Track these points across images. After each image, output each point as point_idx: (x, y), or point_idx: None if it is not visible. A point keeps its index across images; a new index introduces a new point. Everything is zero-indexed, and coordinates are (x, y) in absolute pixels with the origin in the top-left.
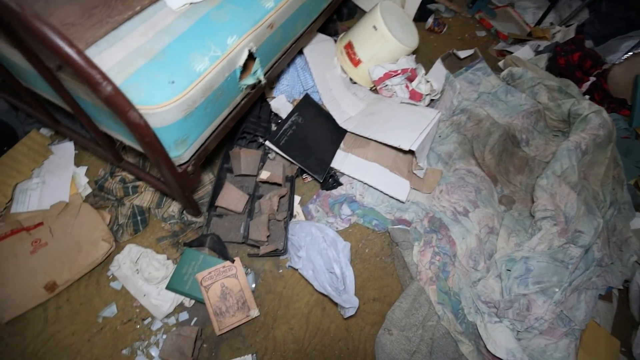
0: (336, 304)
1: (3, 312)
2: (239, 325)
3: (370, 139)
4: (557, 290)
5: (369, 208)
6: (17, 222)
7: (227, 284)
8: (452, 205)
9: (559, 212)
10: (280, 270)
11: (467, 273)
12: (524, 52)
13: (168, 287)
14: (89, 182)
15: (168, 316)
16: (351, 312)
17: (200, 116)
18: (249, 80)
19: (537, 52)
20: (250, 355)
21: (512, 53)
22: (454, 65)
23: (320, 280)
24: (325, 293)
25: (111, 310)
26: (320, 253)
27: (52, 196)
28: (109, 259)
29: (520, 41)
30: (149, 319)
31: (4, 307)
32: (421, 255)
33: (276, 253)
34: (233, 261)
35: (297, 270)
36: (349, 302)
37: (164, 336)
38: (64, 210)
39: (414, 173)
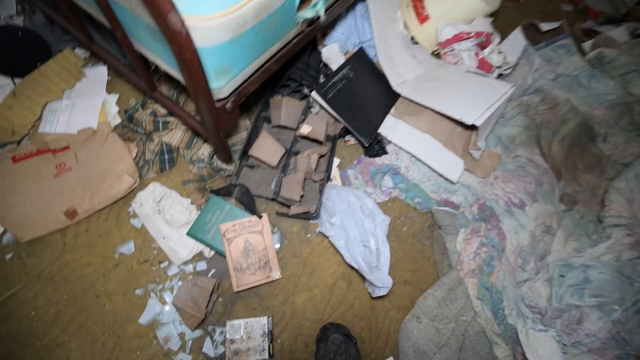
0: (364, 281)
1: (23, 231)
2: (258, 285)
3: (425, 107)
4: (617, 308)
5: (413, 183)
6: (44, 143)
7: (251, 240)
8: (507, 195)
9: (635, 222)
10: (309, 235)
11: (514, 271)
12: (617, 33)
13: (189, 233)
14: (119, 112)
15: (186, 263)
16: (381, 292)
17: (248, 44)
18: (308, 13)
19: (635, 36)
20: (266, 317)
21: (600, 34)
22: (532, 39)
23: (352, 252)
24: (356, 267)
25: (129, 248)
26: (356, 223)
27: (81, 121)
28: (131, 194)
29: (614, 21)
30: (166, 263)
31: (24, 226)
32: (466, 244)
33: (307, 216)
34: (260, 217)
35: (327, 237)
36: (381, 281)
37: (179, 283)
38: (91, 137)
39: (469, 152)
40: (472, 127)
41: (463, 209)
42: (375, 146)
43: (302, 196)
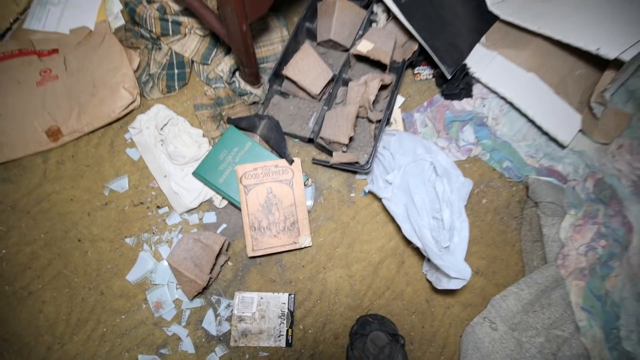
0: (422, 262)
1: None
2: (280, 252)
3: (534, 36)
4: None
5: (502, 141)
6: (28, 42)
7: (276, 190)
8: (635, 172)
9: None
10: (353, 194)
11: (639, 280)
12: None
13: (196, 174)
14: (122, 11)
15: (190, 212)
16: (453, 285)
17: None
18: None
19: None
20: (287, 294)
21: None
22: None
23: (416, 223)
24: (418, 244)
25: (121, 184)
26: (424, 184)
27: (75, 18)
28: (130, 117)
29: None
30: (166, 209)
31: None
32: (575, 232)
33: (354, 167)
34: (291, 162)
35: (379, 199)
36: (455, 269)
37: (180, 236)
38: (85, 39)
39: (589, 106)
40: (606, 67)
41: (572, 182)
42: (459, 83)
43: (350, 139)
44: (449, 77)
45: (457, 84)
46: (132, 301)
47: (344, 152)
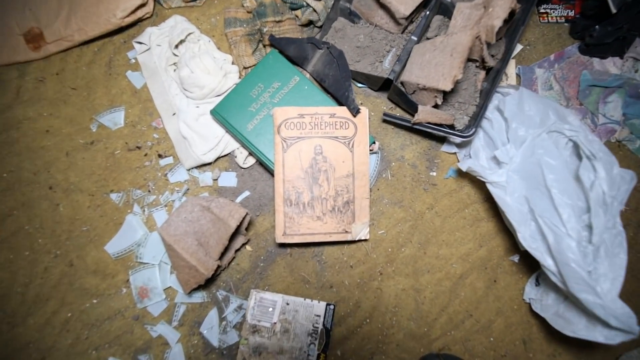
0: (526, 281)
1: None
2: (323, 243)
3: None
4: None
5: None
6: None
7: (328, 151)
8: None
9: None
10: (434, 173)
11: None
12: None
13: (215, 113)
14: None
15: (202, 168)
16: (601, 338)
17: None
18: None
19: None
20: (323, 304)
21: None
22: None
23: (550, 228)
24: (544, 261)
25: (115, 119)
26: (567, 169)
27: None
28: (137, 29)
29: None
30: (170, 160)
31: None
32: None
33: (446, 132)
34: (357, 112)
35: (481, 183)
36: (613, 314)
37: (184, 199)
38: None
39: None
40: None
41: None
42: (621, 26)
43: (454, 87)
44: (614, 10)
45: (618, 26)
46: (109, 281)
47: (435, 106)
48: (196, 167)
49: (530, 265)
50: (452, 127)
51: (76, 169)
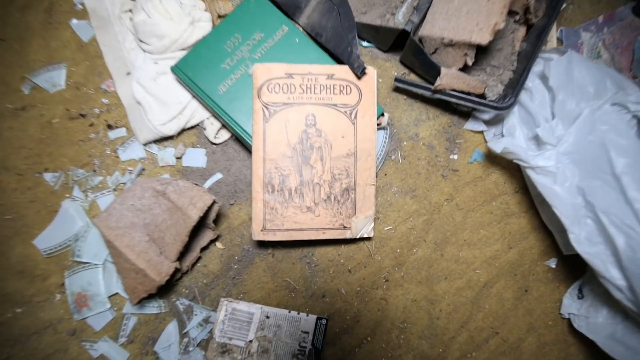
0: (564, 292)
1: None
2: (314, 241)
3: None
4: None
5: None
6: None
7: (323, 122)
8: None
9: None
10: (455, 155)
11: None
12: None
13: (177, 70)
14: None
15: (163, 143)
16: None
17: None
18: None
19: None
20: (313, 317)
21: None
22: None
23: (620, 230)
24: (606, 272)
25: (54, 79)
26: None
27: None
28: None
29: None
30: (122, 132)
31: None
32: None
33: (476, 101)
34: (361, 73)
35: (527, 169)
36: None
37: (142, 178)
38: None
39: None
40: None
41: None
42: None
43: (488, 44)
44: None
45: None
46: (38, 285)
47: (461, 69)
48: (155, 142)
49: (570, 271)
50: (482, 97)
51: (1, 141)
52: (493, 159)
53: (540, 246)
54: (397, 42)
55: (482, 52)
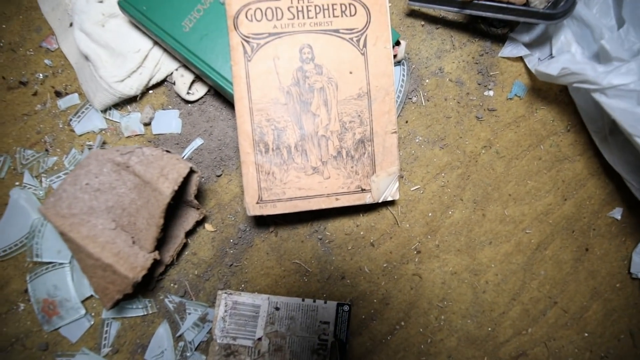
0: (633, 247)
1: None
2: (326, 211)
3: None
4: None
5: None
6: None
7: (323, 54)
8: None
9: None
10: (490, 92)
11: None
12: None
13: (124, 5)
14: None
15: (125, 108)
16: None
17: None
18: None
19: None
20: (334, 304)
21: None
22: None
23: None
24: None
25: None
26: None
27: None
28: None
29: None
30: (73, 98)
31: None
32: None
33: (521, 9)
34: None
35: (596, 93)
36: None
37: (93, 151)
38: None
39: None
40: None
41: None
42: None
43: None
44: None
45: None
46: None
47: None
48: (115, 107)
49: (639, 223)
50: (526, 5)
51: None
52: (538, 92)
53: (601, 194)
54: None
55: None
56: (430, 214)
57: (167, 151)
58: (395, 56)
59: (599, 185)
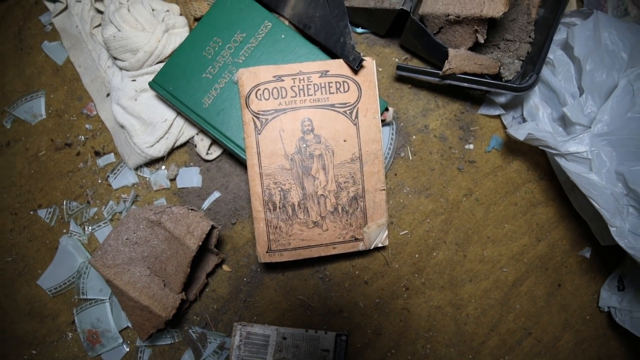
0: (600, 284)
1: None
2: (324, 257)
3: None
4: None
5: None
6: None
7: (321, 126)
8: None
9: None
10: (470, 145)
11: None
12: None
13: (155, 85)
14: None
15: (154, 165)
16: None
17: None
18: None
19: None
20: (332, 334)
21: None
22: None
23: None
24: None
25: (34, 109)
26: None
27: None
28: None
29: None
30: (110, 158)
31: None
32: None
33: (491, 83)
34: (359, 65)
35: (557, 156)
36: None
37: (134, 208)
38: None
39: None
40: None
41: None
42: None
43: (502, 15)
44: None
45: None
46: (49, 325)
47: (467, 49)
48: (145, 165)
49: (606, 261)
50: (497, 77)
51: None
52: (513, 145)
53: (571, 236)
54: (396, 24)
55: (493, 25)
56: (417, 255)
57: (192, 209)
58: (384, 120)
59: (570, 227)
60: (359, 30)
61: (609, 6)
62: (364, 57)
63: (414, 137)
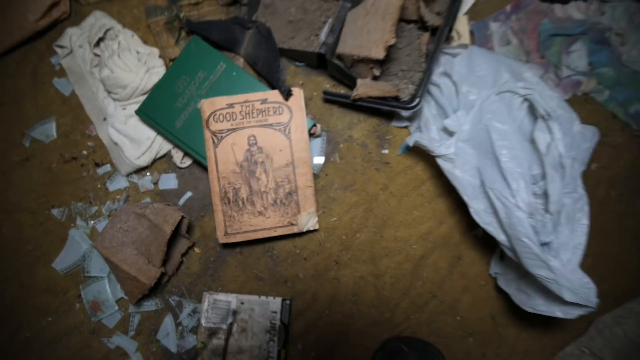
0: (491, 256)
1: None
2: (269, 238)
3: None
4: None
5: (631, 71)
6: None
7: (263, 141)
8: None
9: None
10: (386, 151)
11: None
12: None
13: (140, 113)
14: None
15: (141, 172)
16: (559, 313)
17: None
18: None
19: None
20: (279, 299)
21: None
22: None
23: (500, 200)
24: (498, 237)
25: (47, 131)
26: (518, 133)
27: None
28: (59, 31)
29: None
30: (107, 168)
31: None
32: None
33: (391, 105)
34: (288, 94)
35: (433, 158)
36: (569, 287)
37: (125, 205)
38: None
39: None
40: None
41: None
42: None
43: (387, 56)
44: None
45: None
46: (61, 298)
47: (375, 78)
48: (134, 172)
49: (494, 238)
50: (397, 99)
51: (14, 187)
52: (417, 149)
53: (467, 219)
54: (322, 59)
55: (391, 60)
56: (344, 237)
57: (168, 204)
58: (314, 133)
59: (466, 212)
60: (298, 63)
61: (494, 38)
62: (292, 89)
63: (341, 145)
